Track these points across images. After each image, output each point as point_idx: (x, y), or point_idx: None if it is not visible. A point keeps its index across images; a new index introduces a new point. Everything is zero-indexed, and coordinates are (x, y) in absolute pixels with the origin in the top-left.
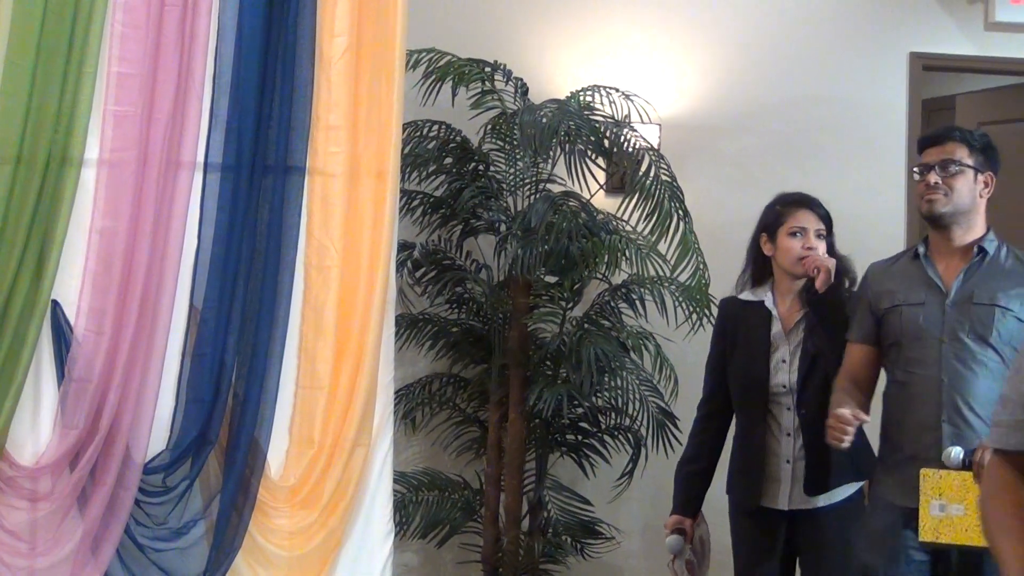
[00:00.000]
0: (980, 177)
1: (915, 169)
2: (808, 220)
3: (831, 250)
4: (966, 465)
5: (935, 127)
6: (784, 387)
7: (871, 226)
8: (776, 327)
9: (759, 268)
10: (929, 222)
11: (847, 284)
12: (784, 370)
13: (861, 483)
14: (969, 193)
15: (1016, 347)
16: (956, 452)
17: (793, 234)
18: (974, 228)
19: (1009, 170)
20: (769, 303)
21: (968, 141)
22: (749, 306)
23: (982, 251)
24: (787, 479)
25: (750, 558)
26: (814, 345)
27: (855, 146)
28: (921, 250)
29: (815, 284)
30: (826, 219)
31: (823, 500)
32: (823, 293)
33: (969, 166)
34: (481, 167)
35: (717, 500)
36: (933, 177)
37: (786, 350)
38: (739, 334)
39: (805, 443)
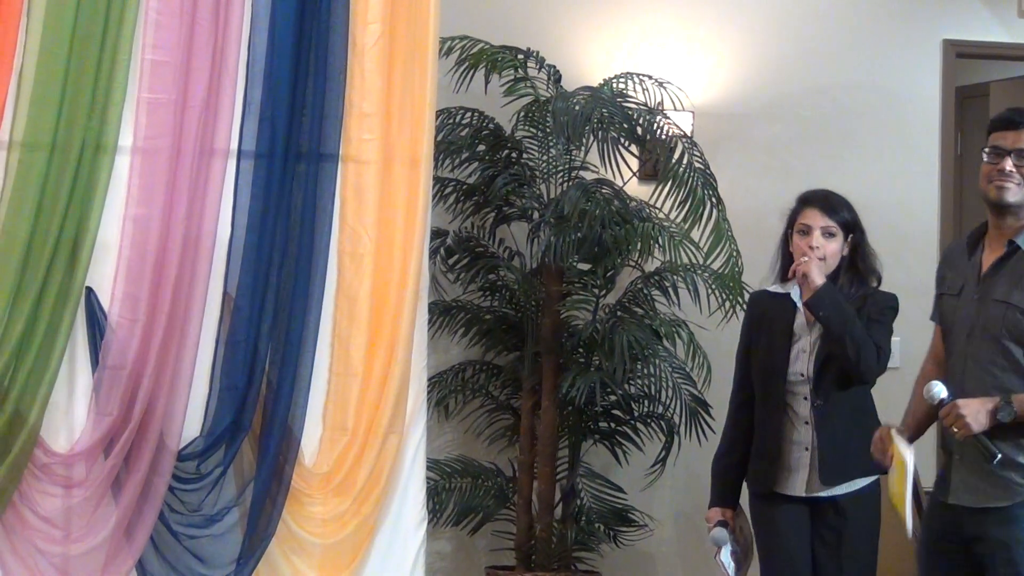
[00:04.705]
0: None
1: (986, 149)
2: (813, 218)
3: (857, 248)
4: (939, 404)
5: (1002, 112)
6: (802, 376)
7: (904, 214)
8: (800, 319)
9: (787, 262)
10: (991, 206)
11: (875, 283)
12: (803, 360)
13: (880, 475)
14: None
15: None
16: (938, 390)
17: (800, 232)
18: (1021, 218)
19: None
20: (795, 295)
21: None
22: (777, 298)
23: (1012, 245)
24: (804, 467)
25: (773, 543)
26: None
27: (888, 134)
28: (977, 233)
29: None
30: (840, 217)
31: (841, 488)
32: (813, 299)
33: None
34: (514, 154)
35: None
36: (1008, 164)
37: (807, 341)
38: (764, 325)
39: (819, 432)
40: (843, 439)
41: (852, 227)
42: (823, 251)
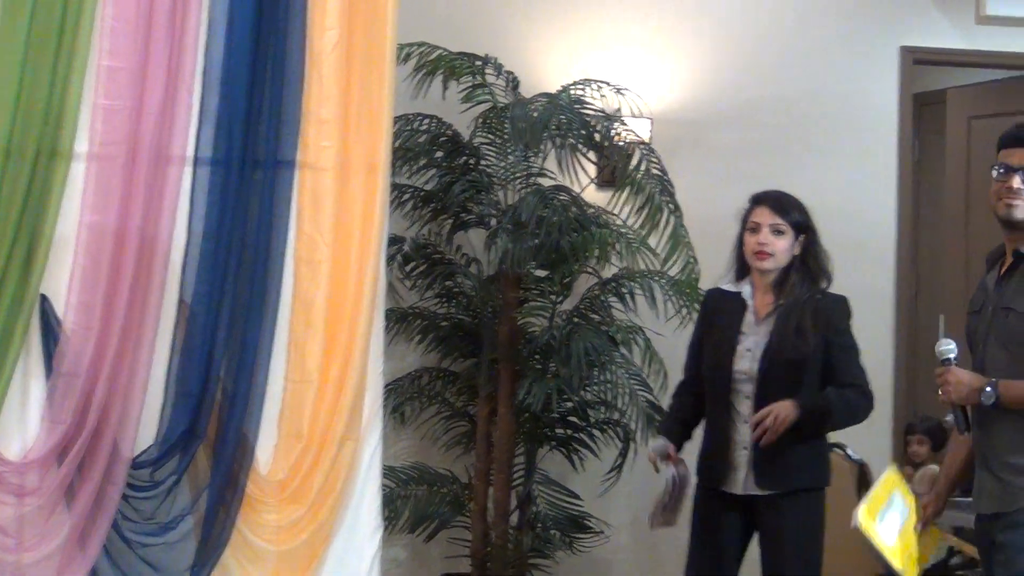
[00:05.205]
0: None
1: (995, 167)
2: (763, 216)
3: (808, 248)
4: (943, 362)
5: (1010, 129)
6: (745, 375)
7: (861, 220)
8: (748, 317)
9: (741, 261)
10: (1001, 223)
11: (825, 285)
12: (748, 358)
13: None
14: None
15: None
16: (947, 348)
17: (750, 230)
18: None
19: None
20: (746, 294)
21: None
22: (729, 296)
23: (1018, 254)
24: (743, 466)
25: (705, 537)
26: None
27: (846, 140)
28: (997, 252)
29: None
30: (791, 217)
31: (778, 489)
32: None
33: None
34: (472, 161)
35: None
36: (1016, 182)
37: (753, 340)
38: (715, 322)
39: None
40: (785, 443)
41: (803, 228)
42: (772, 247)
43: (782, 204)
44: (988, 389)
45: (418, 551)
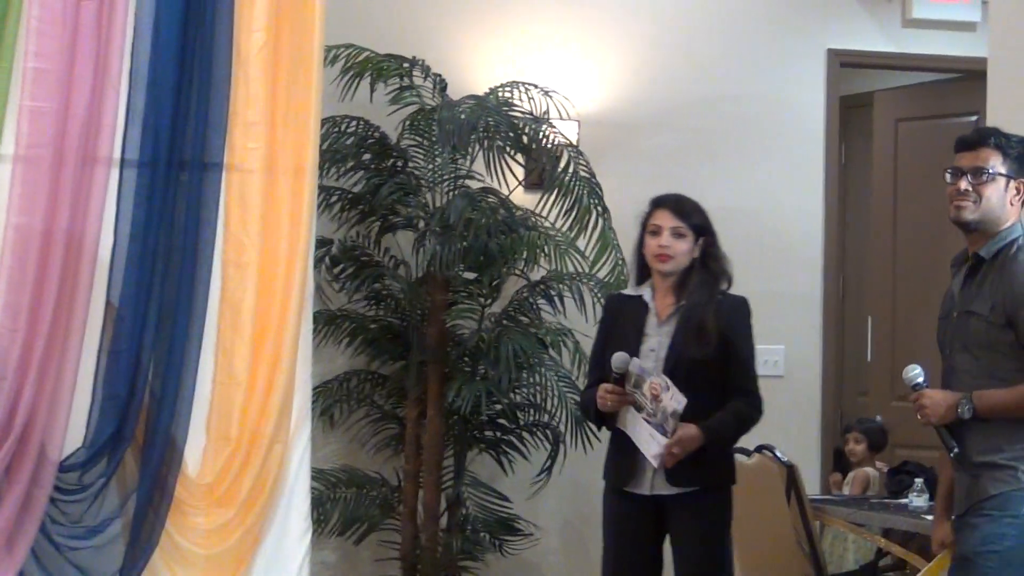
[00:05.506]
0: (1012, 184)
1: (947, 170)
2: (664, 219)
3: (708, 250)
4: (913, 388)
5: (964, 133)
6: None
7: (788, 223)
8: (651, 319)
9: (642, 264)
10: (958, 227)
11: (726, 286)
12: (652, 359)
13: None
14: (999, 200)
15: (993, 351)
16: (915, 374)
17: (651, 232)
18: (987, 234)
19: (926, 166)
20: (647, 296)
21: (1003, 148)
22: (630, 299)
23: (977, 257)
24: (650, 466)
25: (616, 541)
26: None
27: (773, 143)
28: (961, 257)
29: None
30: (691, 220)
31: (687, 487)
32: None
33: (1001, 174)
34: (400, 163)
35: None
36: (964, 184)
37: (656, 340)
38: (618, 324)
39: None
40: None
41: (703, 231)
42: (672, 249)
43: (682, 207)
44: (964, 403)
45: (347, 554)
